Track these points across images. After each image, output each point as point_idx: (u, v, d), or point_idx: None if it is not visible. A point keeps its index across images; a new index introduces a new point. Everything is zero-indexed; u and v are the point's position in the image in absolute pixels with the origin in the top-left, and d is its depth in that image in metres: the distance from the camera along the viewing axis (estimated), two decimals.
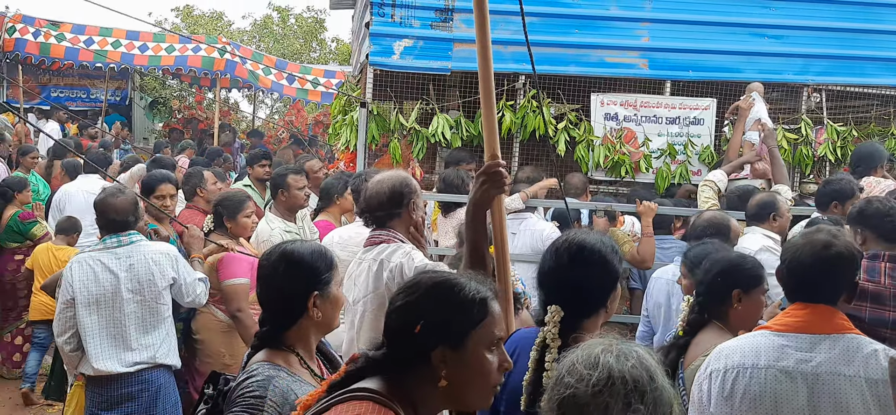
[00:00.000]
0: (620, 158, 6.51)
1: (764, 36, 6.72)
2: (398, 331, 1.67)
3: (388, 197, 3.03)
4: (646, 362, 1.48)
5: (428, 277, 1.72)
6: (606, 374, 1.45)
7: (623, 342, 1.54)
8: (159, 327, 3.80)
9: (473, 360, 1.63)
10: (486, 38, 2.63)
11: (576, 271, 2.29)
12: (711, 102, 6.70)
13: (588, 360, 1.48)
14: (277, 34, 22.55)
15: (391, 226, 3.01)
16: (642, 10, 6.59)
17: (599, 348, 1.51)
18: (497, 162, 2.48)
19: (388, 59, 6.31)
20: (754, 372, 2.26)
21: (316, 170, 6.59)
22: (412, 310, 1.65)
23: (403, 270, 2.79)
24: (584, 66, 6.55)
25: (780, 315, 2.40)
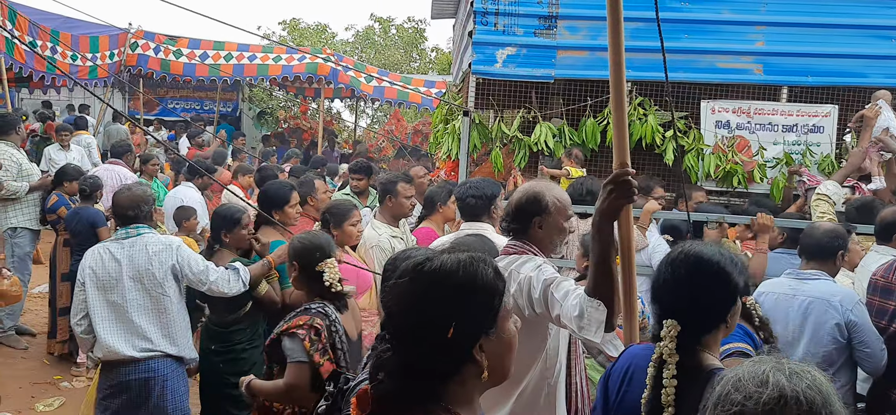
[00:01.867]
0: (733, 167, 6.25)
1: (889, 38, 6.29)
2: (425, 342, 1.44)
3: (514, 210, 2.91)
4: (820, 385, 1.36)
5: (429, 272, 1.48)
6: (777, 393, 1.34)
7: (794, 362, 1.42)
8: (164, 316, 3.83)
9: (505, 335, 1.51)
10: (619, 44, 2.54)
11: (694, 285, 2.19)
12: (832, 109, 6.34)
13: (757, 377, 1.38)
14: (379, 44, 23.07)
15: (526, 238, 2.87)
16: (757, 12, 6.31)
17: (769, 365, 1.40)
18: (626, 170, 2.39)
19: (491, 68, 6.31)
20: None
21: (420, 176, 6.65)
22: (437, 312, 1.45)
23: (531, 283, 2.69)
24: (694, 73, 6.33)
25: None
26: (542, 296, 2.63)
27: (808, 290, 3.50)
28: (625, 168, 2.38)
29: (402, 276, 1.50)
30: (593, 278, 2.37)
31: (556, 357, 2.82)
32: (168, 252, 3.87)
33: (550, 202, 2.83)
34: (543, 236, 2.84)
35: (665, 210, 5.49)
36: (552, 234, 2.85)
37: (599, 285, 2.35)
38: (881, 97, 5.97)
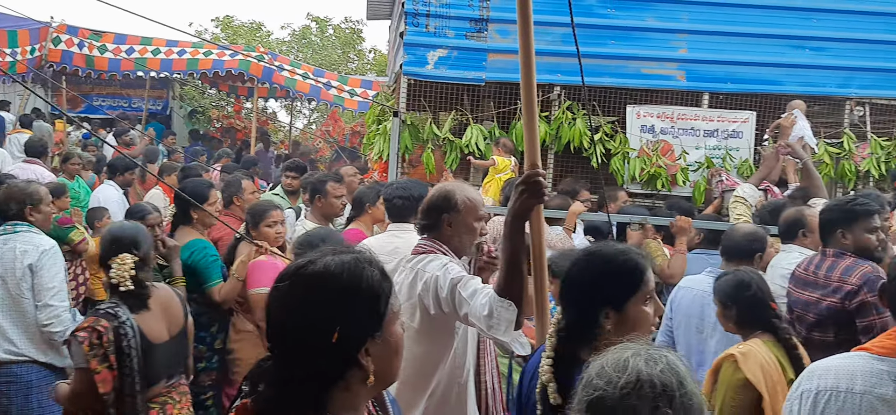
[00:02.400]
0: (657, 171, 6.43)
1: (804, 48, 6.58)
2: (307, 348, 1.39)
3: (426, 208, 2.94)
4: (676, 368, 1.44)
5: (310, 275, 1.42)
6: (635, 377, 1.42)
7: (654, 347, 1.50)
8: (27, 318, 3.65)
9: (392, 338, 1.47)
10: (529, 47, 2.57)
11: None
12: (751, 115, 6.58)
13: (617, 363, 1.45)
14: (316, 44, 22.83)
15: (434, 237, 2.89)
16: (679, 21, 6.51)
17: (629, 351, 1.48)
18: (537, 171, 2.43)
19: (422, 69, 6.33)
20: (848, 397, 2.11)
21: (350, 175, 6.62)
22: (319, 318, 1.39)
23: (438, 282, 2.71)
24: (621, 78, 6.49)
25: (882, 337, 2.24)
26: (450, 295, 2.65)
27: None
28: (535, 169, 2.41)
29: (282, 279, 1.45)
30: (503, 277, 2.40)
31: (464, 356, 2.85)
32: (32, 254, 3.66)
33: (461, 201, 2.85)
34: (453, 235, 2.85)
35: (591, 212, 5.61)
36: (462, 233, 2.86)
37: (509, 284, 2.38)
38: (796, 107, 6.23)
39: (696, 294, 3.74)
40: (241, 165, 9.82)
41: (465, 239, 2.88)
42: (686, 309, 3.80)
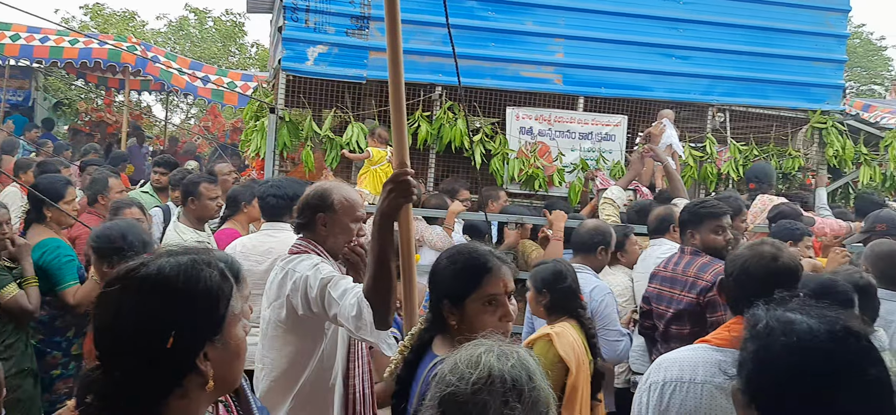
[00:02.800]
0: (535, 171, 6.58)
1: (672, 56, 6.93)
2: (140, 356, 1.31)
3: (301, 206, 2.89)
4: (526, 363, 1.51)
5: (142, 278, 1.36)
6: (487, 372, 1.47)
7: (505, 344, 1.56)
8: None
9: (232, 341, 1.41)
10: (396, 45, 2.56)
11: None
12: (622, 119, 6.86)
13: (470, 359, 1.50)
14: (194, 37, 21.92)
15: (310, 237, 2.84)
16: (557, 25, 6.69)
17: (482, 348, 1.53)
18: (405, 171, 2.42)
19: (302, 65, 6.19)
20: (691, 387, 2.22)
21: (225, 174, 6.40)
22: (153, 323, 1.33)
23: (308, 282, 2.65)
24: (501, 80, 6.60)
25: (720, 329, 2.36)
26: (320, 295, 2.61)
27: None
28: (404, 168, 2.40)
29: (112, 283, 1.37)
30: (371, 277, 2.37)
31: (332, 359, 2.80)
32: None
33: (337, 201, 2.81)
34: (328, 235, 2.81)
35: (471, 211, 5.66)
36: (337, 232, 2.82)
37: (377, 284, 2.36)
38: (665, 116, 6.55)
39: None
40: (109, 160, 9.30)
41: (339, 239, 2.83)
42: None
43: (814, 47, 7.13)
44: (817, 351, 1.32)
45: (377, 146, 6.14)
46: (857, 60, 28.48)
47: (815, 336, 1.33)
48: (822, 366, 1.31)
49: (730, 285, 2.45)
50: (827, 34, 7.17)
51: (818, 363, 1.31)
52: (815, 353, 1.32)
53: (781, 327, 1.37)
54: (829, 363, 1.31)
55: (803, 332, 1.34)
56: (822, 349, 1.32)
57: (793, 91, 7.14)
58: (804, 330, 1.34)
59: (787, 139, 7.31)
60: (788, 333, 1.35)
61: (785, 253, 2.40)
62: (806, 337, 1.33)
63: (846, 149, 7.14)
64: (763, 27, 7.01)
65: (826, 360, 1.31)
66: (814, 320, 1.36)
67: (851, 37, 27.73)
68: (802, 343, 1.33)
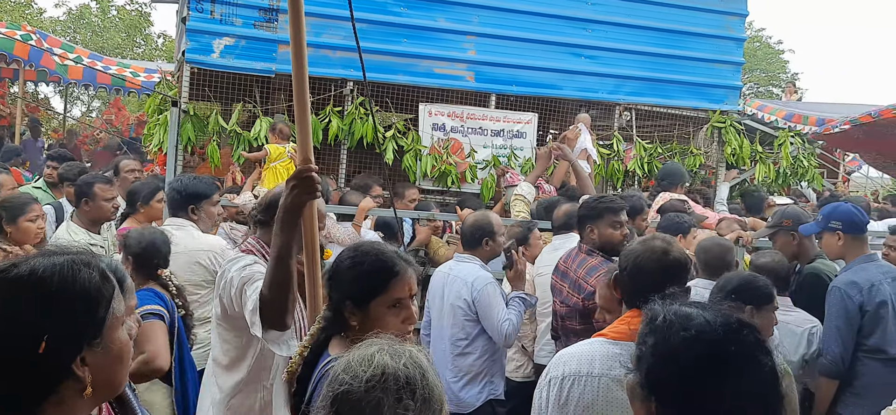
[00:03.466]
0: (447, 168, 6.59)
1: (581, 56, 7.08)
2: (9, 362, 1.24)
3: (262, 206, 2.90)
4: (418, 361, 1.52)
5: (12, 280, 1.29)
6: (381, 370, 1.48)
7: (398, 343, 1.57)
8: None
9: (114, 345, 1.36)
10: (300, 38, 2.48)
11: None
12: (533, 117, 6.96)
13: (363, 358, 1.51)
14: (96, 26, 20.92)
15: (262, 237, 2.85)
16: (469, 23, 6.72)
17: (375, 347, 1.54)
18: (308, 167, 2.37)
19: (207, 58, 5.99)
20: (588, 380, 2.26)
21: (129, 170, 6.14)
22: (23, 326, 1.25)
23: (232, 281, 2.64)
24: (413, 76, 6.58)
25: (617, 323, 2.40)
26: (238, 293, 2.60)
27: (457, 271, 4.02)
28: (308, 165, 2.35)
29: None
30: (269, 274, 2.32)
31: (271, 359, 2.77)
32: None
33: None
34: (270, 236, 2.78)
35: (382, 208, 5.62)
36: None
37: (274, 281, 2.31)
38: (581, 121, 6.66)
39: (439, 275, 4.19)
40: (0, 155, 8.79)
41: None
42: (431, 290, 4.23)
43: (714, 50, 7.42)
44: (715, 342, 1.38)
45: (277, 142, 6.01)
46: (757, 63, 29.98)
47: (713, 329, 1.40)
48: (720, 356, 1.37)
49: (624, 280, 2.51)
50: (726, 37, 7.48)
51: (716, 354, 1.37)
52: (713, 344, 1.38)
53: (680, 320, 1.42)
54: (725, 353, 1.37)
55: (701, 325, 1.40)
56: (719, 341, 1.38)
57: (694, 91, 7.42)
58: (702, 323, 1.40)
59: (689, 138, 7.60)
60: (687, 326, 1.41)
61: (675, 247, 2.48)
62: (703, 329, 1.39)
63: (743, 147, 7.48)
64: (667, 29, 7.25)
65: (723, 350, 1.37)
66: (709, 314, 1.42)
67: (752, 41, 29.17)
68: (701, 335, 1.39)
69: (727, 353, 1.37)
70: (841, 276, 3.90)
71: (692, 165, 7.41)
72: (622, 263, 2.58)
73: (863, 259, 3.93)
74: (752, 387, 1.35)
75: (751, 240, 4.95)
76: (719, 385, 1.35)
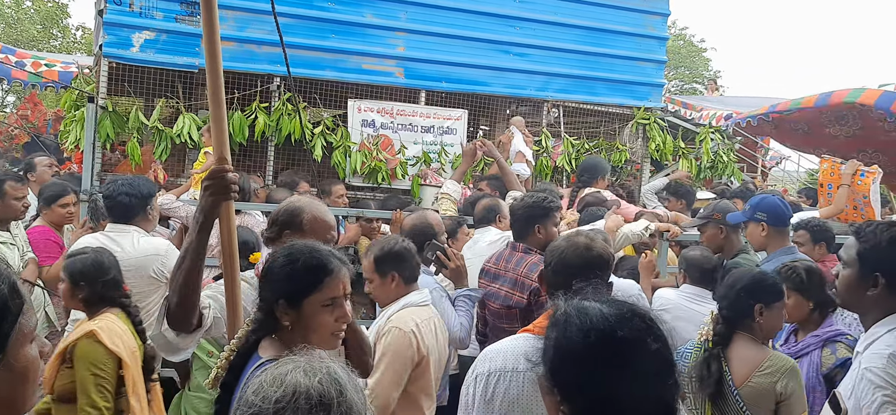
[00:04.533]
0: (377, 164, 6.55)
1: (510, 53, 7.14)
2: None
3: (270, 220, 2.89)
4: (336, 377, 1.46)
5: None
6: (291, 390, 1.41)
7: (316, 358, 1.50)
8: None
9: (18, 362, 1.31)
10: (213, 34, 2.43)
11: None
12: (463, 113, 6.99)
13: (275, 379, 1.44)
14: (9, 18, 19.95)
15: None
16: (397, 19, 6.69)
17: (290, 366, 1.47)
18: (224, 167, 2.32)
19: (126, 52, 5.78)
20: (514, 376, 2.28)
21: (44, 166, 5.90)
22: None
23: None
24: (342, 72, 6.51)
25: (541, 318, 2.42)
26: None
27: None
28: (223, 165, 2.30)
29: None
30: (182, 275, 2.27)
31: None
32: None
33: (307, 220, 2.75)
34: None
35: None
36: None
37: (181, 282, 2.26)
38: (515, 123, 6.70)
39: None
40: None
41: None
42: None
43: (638, 48, 7.60)
44: (608, 331, 1.42)
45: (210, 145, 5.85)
46: (682, 61, 30.93)
47: (606, 319, 1.44)
48: (612, 344, 1.41)
49: (549, 275, 2.55)
50: (649, 36, 7.68)
51: (608, 342, 1.42)
52: (605, 333, 1.42)
53: (577, 313, 1.46)
54: (617, 341, 1.41)
55: (596, 316, 1.44)
56: (611, 329, 1.43)
57: (619, 89, 7.58)
58: (597, 314, 1.45)
59: (615, 134, 7.78)
60: (583, 318, 1.44)
61: (597, 243, 2.53)
62: (598, 320, 1.43)
63: (666, 143, 7.70)
64: (593, 28, 7.39)
65: (614, 338, 1.42)
66: (606, 306, 1.45)
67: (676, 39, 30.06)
68: (595, 325, 1.43)
69: (617, 340, 1.41)
70: (763, 266, 4.04)
71: (618, 160, 7.59)
72: (547, 259, 2.62)
73: (782, 251, 4.07)
74: (643, 371, 1.39)
75: (678, 233, 5.08)
76: (611, 372, 1.40)
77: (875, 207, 6.32)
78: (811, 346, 3.31)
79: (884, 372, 2.07)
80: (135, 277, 3.77)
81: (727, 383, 2.90)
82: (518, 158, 6.41)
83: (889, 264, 2.20)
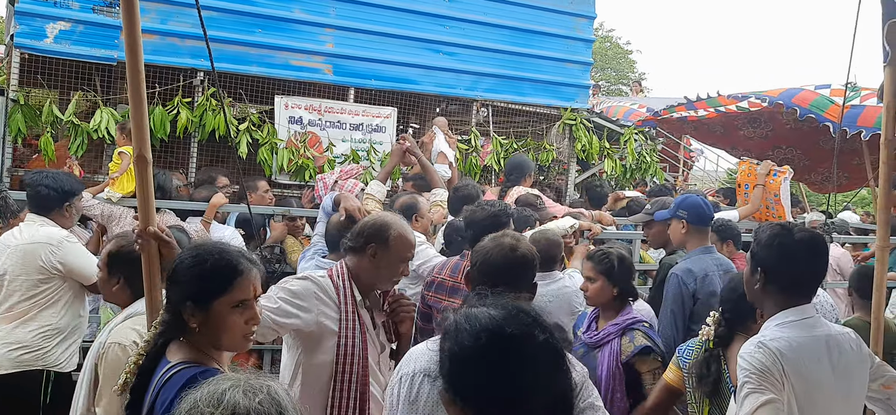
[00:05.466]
0: (305, 162, 6.47)
1: (440, 52, 7.17)
2: None
3: (355, 231, 2.93)
4: (277, 398, 1.41)
5: None
6: (230, 410, 1.36)
7: (255, 377, 1.45)
8: None
9: None
10: (133, 26, 2.36)
11: None
12: (393, 111, 6.97)
13: (212, 396, 1.39)
14: None
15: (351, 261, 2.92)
16: (327, 15, 6.62)
17: (228, 383, 1.41)
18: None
19: (39, 43, 5.53)
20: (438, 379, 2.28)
21: None
22: None
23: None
24: (269, 68, 6.40)
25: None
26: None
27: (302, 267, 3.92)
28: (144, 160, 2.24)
29: None
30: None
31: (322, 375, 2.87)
32: None
33: (393, 237, 2.81)
34: (372, 267, 2.85)
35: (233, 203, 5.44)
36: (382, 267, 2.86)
37: None
38: (437, 124, 6.70)
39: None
40: None
41: (383, 274, 2.85)
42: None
43: (565, 50, 7.74)
44: (496, 330, 1.46)
45: (126, 143, 5.65)
46: (609, 63, 31.65)
47: (494, 319, 1.47)
48: (502, 341, 1.45)
49: (475, 275, 2.57)
50: (576, 38, 7.82)
51: (498, 340, 1.45)
52: (494, 332, 1.46)
53: (466, 319, 1.48)
54: (506, 338, 1.45)
55: (484, 319, 1.47)
56: (499, 327, 1.46)
57: (547, 89, 7.70)
58: (485, 317, 1.47)
59: (542, 134, 7.90)
60: (473, 322, 1.46)
61: (523, 244, 2.57)
62: (485, 323, 1.46)
63: (592, 144, 7.86)
64: (521, 29, 7.48)
65: (504, 335, 1.46)
66: (493, 309, 1.48)
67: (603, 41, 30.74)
68: (484, 327, 1.45)
69: (506, 337, 1.45)
70: (680, 264, 4.15)
71: (545, 160, 7.71)
72: (473, 259, 2.64)
73: (700, 250, 4.19)
74: (532, 362, 1.43)
75: (598, 232, 5.20)
76: (505, 368, 1.43)
77: (785, 205, 6.63)
78: (611, 334, 3.33)
79: (750, 357, 2.24)
80: (21, 263, 3.71)
81: (725, 382, 2.97)
82: (440, 159, 6.40)
83: (767, 261, 2.37)
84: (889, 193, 3.35)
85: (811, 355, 2.27)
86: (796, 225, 2.58)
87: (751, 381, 2.20)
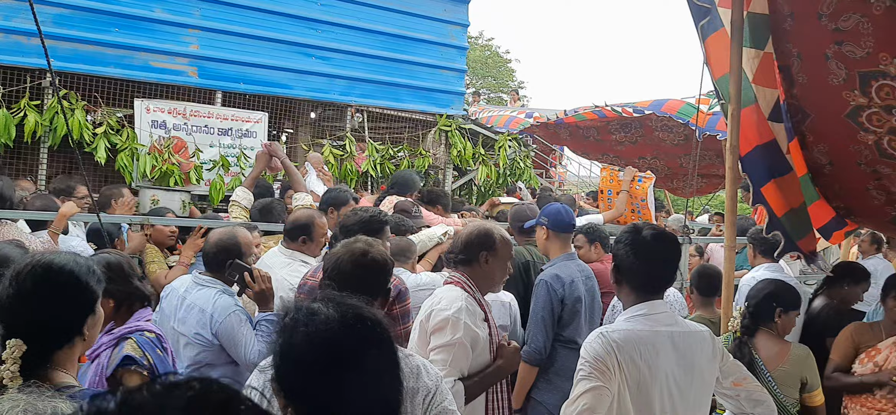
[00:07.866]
0: (170, 167, 6.17)
1: (311, 56, 7.04)
2: None
3: (463, 245, 3.03)
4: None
5: None
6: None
7: (40, 399, 1.37)
8: None
9: None
10: None
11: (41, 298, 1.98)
12: (263, 116, 6.78)
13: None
14: None
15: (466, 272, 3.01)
16: (191, 16, 6.36)
17: (7, 405, 1.35)
18: None
19: None
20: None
21: None
22: None
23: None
24: (127, 69, 6.07)
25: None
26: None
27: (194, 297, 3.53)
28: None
29: None
30: None
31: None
32: None
33: (498, 240, 2.97)
34: (487, 272, 2.97)
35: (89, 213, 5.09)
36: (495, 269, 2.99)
37: None
38: (310, 160, 6.39)
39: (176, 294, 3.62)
40: None
41: (497, 275, 3.01)
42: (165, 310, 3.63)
43: (439, 57, 7.81)
44: (330, 338, 1.41)
45: None
46: (488, 71, 32.29)
47: (329, 325, 1.42)
48: (332, 350, 1.41)
49: (325, 283, 2.52)
50: (450, 45, 7.92)
51: (329, 348, 1.41)
52: (327, 340, 1.41)
53: (304, 318, 1.44)
54: (337, 348, 1.41)
55: (320, 321, 1.43)
56: (333, 335, 1.41)
57: (422, 96, 7.74)
58: (321, 319, 1.44)
59: (419, 140, 7.92)
60: (309, 323, 1.42)
61: (375, 249, 2.53)
62: (321, 326, 1.43)
63: (467, 149, 7.97)
64: (395, 34, 7.49)
65: (335, 344, 1.41)
66: (332, 310, 1.44)
67: (483, 49, 31.36)
68: (318, 331, 1.41)
69: (337, 347, 1.41)
70: (547, 270, 4.24)
71: (422, 166, 7.73)
72: (325, 265, 2.58)
73: (564, 257, 4.30)
74: (361, 378, 1.41)
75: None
76: (334, 377, 1.40)
77: (650, 209, 6.97)
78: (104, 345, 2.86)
79: (589, 346, 2.35)
80: None
81: (759, 367, 3.40)
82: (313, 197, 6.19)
83: (618, 259, 2.51)
84: (735, 196, 3.59)
85: (650, 347, 2.36)
86: (647, 225, 2.69)
87: (584, 368, 2.32)
